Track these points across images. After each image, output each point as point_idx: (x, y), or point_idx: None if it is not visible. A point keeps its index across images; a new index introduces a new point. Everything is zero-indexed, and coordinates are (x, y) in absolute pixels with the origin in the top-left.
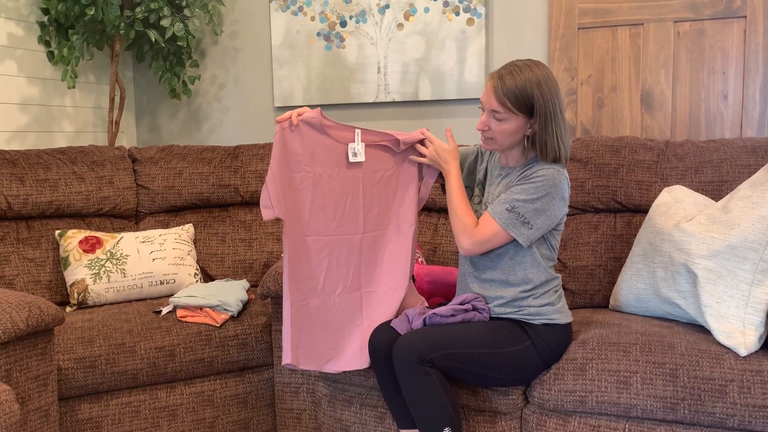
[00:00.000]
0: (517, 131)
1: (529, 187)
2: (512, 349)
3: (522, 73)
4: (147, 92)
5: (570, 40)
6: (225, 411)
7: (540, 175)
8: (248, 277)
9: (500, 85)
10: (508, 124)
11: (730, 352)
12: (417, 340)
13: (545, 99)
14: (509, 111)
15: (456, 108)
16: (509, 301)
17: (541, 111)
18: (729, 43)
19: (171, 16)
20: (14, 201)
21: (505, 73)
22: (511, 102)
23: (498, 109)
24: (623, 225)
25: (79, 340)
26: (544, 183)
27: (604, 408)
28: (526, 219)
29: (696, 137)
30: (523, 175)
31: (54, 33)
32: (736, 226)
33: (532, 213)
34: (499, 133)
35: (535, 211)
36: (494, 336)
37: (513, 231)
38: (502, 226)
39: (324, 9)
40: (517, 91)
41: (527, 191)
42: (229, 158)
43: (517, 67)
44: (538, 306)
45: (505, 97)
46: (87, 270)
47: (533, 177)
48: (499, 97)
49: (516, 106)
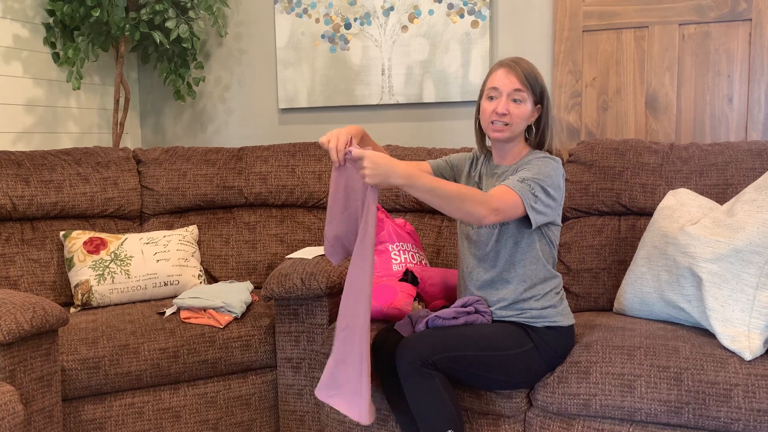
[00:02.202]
0: (530, 116)
1: (531, 166)
2: (515, 351)
3: (528, 62)
4: (152, 94)
5: (574, 42)
6: (228, 412)
7: (539, 157)
8: (252, 278)
9: (518, 68)
10: (524, 107)
11: (734, 356)
12: (419, 343)
13: (545, 87)
14: (528, 91)
15: (460, 110)
16: (511, 304)
17: (546, 97)
18: (734, 46)
19: (176, 17)
20: (19, 202)
21: (518, 59)
22: (530, 83)
23: (521, 88)
24: (627, 228)
25: (83, 341)
26: (544, 164)
27: (608, 411)
28: (533, 191)
29: (701, 140)
30: (519, 165)
31: (59, 34)
32: (741, 230)
33: (538, 188)
34: (517, 116)
35: (540, 186)
36: (497, 338)
37: (526, 203)
38: (519, 195)
39: (328, 11)
40: (531, 74)
41: (530, 170)
42: (233, 160)
43: (521, 59)
44: (540, 308)
45: (526, 78)
46: (91, 271)
47: (533, 160)
48: (520, 77)
49: (531, 89)
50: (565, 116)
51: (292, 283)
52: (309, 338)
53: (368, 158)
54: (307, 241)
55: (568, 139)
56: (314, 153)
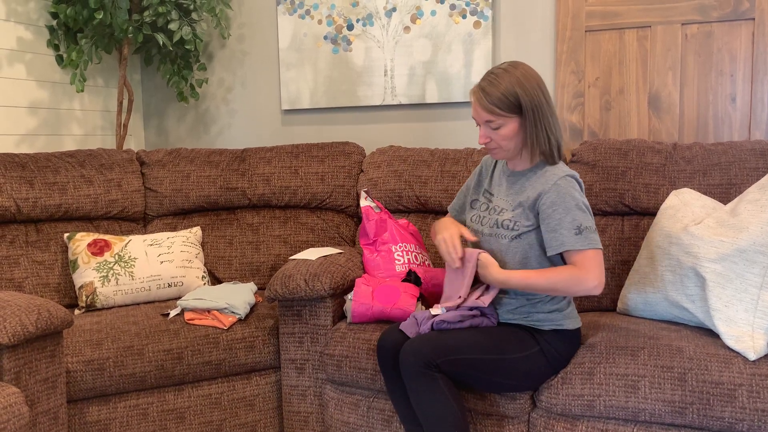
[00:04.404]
0: (518, 132)
1: (565, 202)
2: (520, 355)
3: (500, 78)
4: (155, 95)
5: (577, 42)
6: (232, 414)
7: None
8: (256, 279)
9: (484, 97)
10: (506, 129)
11: (739, 356)
12: (423, 345)
13: (529, 94)
14: (501, 116)
15: (462, 111)
16: (517, 308)
17: (528, 106)
18: (737, 46)
19: (179, 19)
20: (23, 204)
21: (485, 84)
22: (499, 107)
23: (490, 119)
24: (631, 228)
25: (88, 342)
26: (571, 195)
27: (612, 412)
28: (592, 232)
29: (704, 140)
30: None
31: (63, 37)
32: (745, 230)
33: (591, 224)
34: (501, 140)
35: (591, 224)
36: (502, 342)
37: (598, 247)
38: (592, 248)
39: (331, 12)
40: (502, 95)
41: (568, 210)
42: (236, 161)
43: (495, 75)
44: (546, 312)
45: (492, 105)
46: (95, 273)
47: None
48: (486, 107)
49: (505, 110)
50: (568, 116)
51: (295, 284)
52: (312, 339)
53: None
54: (310, 242)
55: (571, 139)
56: (317, 154)
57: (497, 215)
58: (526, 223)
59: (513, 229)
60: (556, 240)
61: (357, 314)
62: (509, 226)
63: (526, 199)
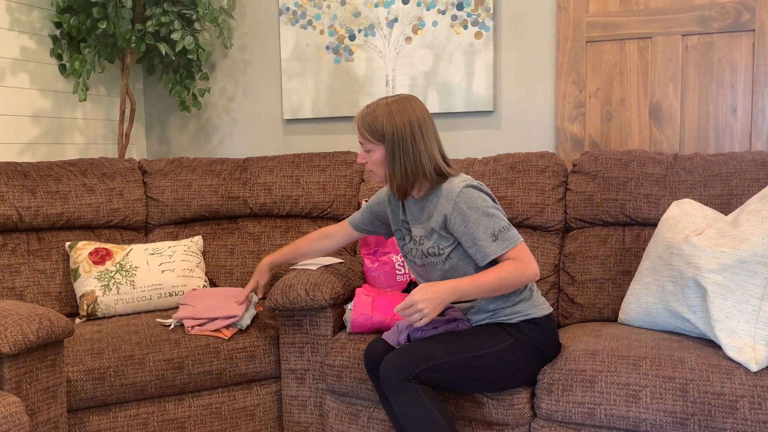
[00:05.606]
0: (385, 159)
1: (471, 213)
2: (496, 348)
3: (377, 108)
4: (157, 105)
5: (578, 53)
6: (233, 424)
7: (462, 197)
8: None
9: (360, 120)
10: (375, 155)
11: (740, 367)
12: (400, 358)
13: (394, 127)
14: (369, 142)
15: (464, 121)
16: (478, 310)
17: (389, 138)
18: (737, 57)
19: (181, 29)
20: (25, 213)
21: (365, 110)
22: (369, 133)
23: (361, 141)
24: (632, 238)
25: (89, 351)
26: (474, 204)
27: (613, 421)
28: (507, 229)
29: (705, 151)
30: (436, 203)
31: (66, 46)
32: (746, 241)
33: (503, 223)
34: (372, 164)
35: (504, 222)
36: (476, 339)
37: (518, 241)
38: (514, 243)
39: (333, 23)
40: (369, 123)
41: (478, 220)
42: (238, 170)
43: (375, 104)
44: (511, 305)
45: (364, 130)
46: (96, 282)
47: (463, 207)
48: (360, 131)
49: (373, 137)
50: (569, 127)
51: (296, 294)
52: (313, 349)
53: (417, 301)
54: None
55: (572, 149)
56: (318, 163)
57: (420, 246)
58: (447, 244)
59: (439, 254)
60: (480, 252)
61: (357, 324)
62: (434, 252)
63: (436, 224)
